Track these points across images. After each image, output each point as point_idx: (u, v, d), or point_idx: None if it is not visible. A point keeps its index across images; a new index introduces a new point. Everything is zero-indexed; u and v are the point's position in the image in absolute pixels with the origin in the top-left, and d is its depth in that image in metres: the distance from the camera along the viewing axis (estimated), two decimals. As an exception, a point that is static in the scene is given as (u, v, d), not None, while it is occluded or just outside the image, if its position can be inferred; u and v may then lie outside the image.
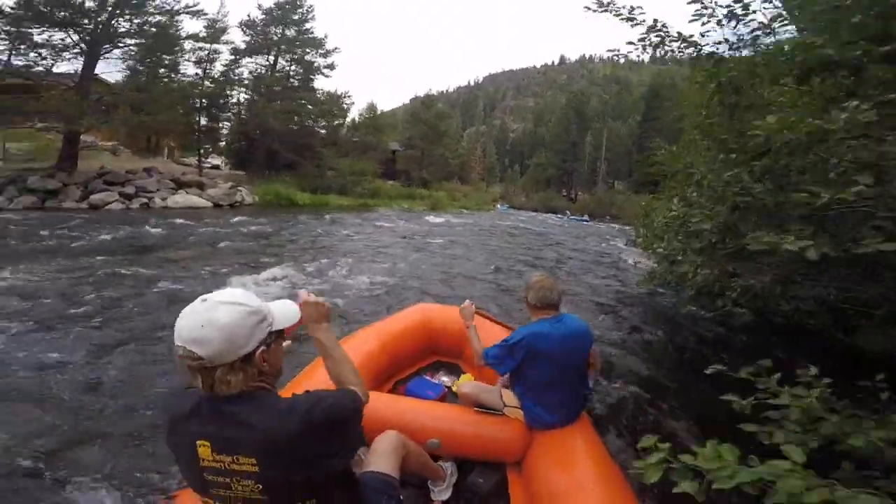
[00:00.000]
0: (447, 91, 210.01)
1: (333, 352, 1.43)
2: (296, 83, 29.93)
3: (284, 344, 1.28)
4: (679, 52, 2.91)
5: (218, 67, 25.83)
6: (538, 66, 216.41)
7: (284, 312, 1.25)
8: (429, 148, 42.97)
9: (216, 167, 28.86)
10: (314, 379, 2.21)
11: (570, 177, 64.85)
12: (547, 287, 2.28)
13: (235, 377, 1.05)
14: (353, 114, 38.32)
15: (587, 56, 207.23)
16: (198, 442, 1.06)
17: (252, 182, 22.30)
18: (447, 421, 2.24)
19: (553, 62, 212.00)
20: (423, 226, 17.70)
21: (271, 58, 28.90)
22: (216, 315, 1.02)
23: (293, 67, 29.99)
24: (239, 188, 19.40)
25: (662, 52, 3.10)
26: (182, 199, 17.38)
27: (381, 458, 1.57)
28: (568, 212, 47.77)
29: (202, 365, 1.02)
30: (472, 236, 15.42)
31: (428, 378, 3.05)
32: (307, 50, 29.80)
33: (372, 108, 39.94)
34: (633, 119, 69.22)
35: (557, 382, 2.18)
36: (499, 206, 54.75)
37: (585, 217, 44.47)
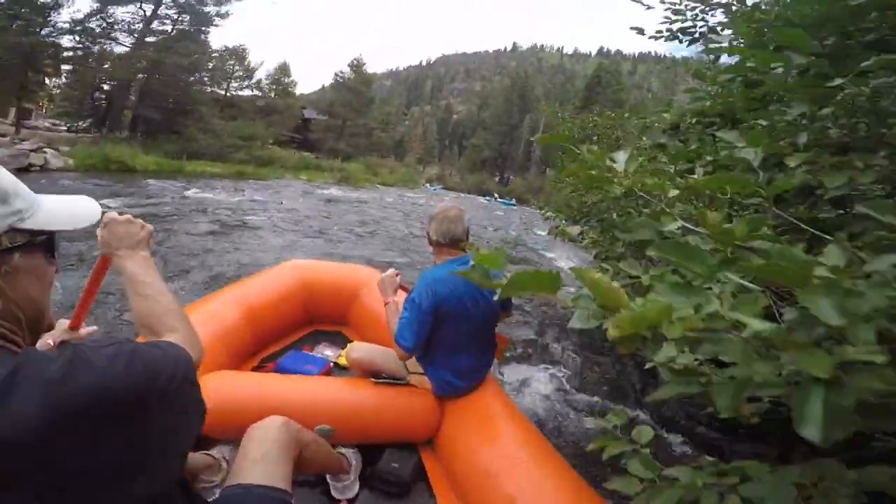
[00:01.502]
0: (397, 69, 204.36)
1: (149, 287, 0.89)
2: (174, 33, 25.46)
3: None
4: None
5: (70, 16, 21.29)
6: (491, 50, 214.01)
7: (67, 207, 0.75)
8: (351, 117, 38.61)
9: (53, 127, 23.60)
10: None
11: (505, 160, 63.43)
12: (452, 218, 1.84)
13: None
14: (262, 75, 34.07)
15: (538, 45, 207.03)
16: None
17: (97, 144, 18.30)
18: (339, 399, 1.78)
19: (506, 48, 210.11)
20: (305, 199, 15.05)
21: (149, 6, 24.41)
22: None
23: (179, 17, 25.63)
24: (45, 150, 14.52)
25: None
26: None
27: (260, 461, 1.01)
28: (496, 194, 46.06)
29: None
30: (354, 214, 13.09)
31: (305, 352, 2.49)
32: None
33: (283, 68, 35.26)
34: (573, 106, 68.57)
35: (466, 340, 1.83)
36: (429, 185, 52.73)
37: (512, 201, 42.98)
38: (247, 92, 31.75)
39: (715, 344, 0.53)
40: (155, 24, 24.42)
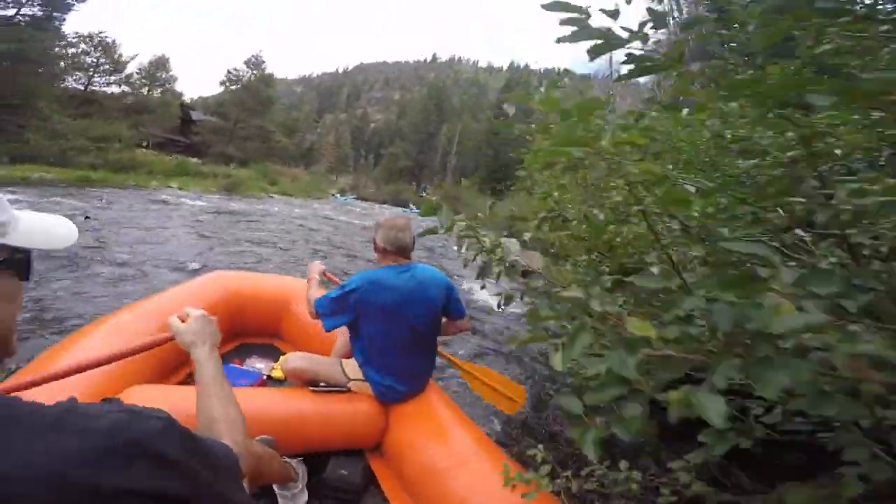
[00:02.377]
0: (310, 75, 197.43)
1: (213, 385, 0.92)
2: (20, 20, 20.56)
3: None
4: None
5: None
6: (412, 61, 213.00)
7: (44, 228, 0.68)
8: (244, 118, 34.21)
9: None
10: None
11: (421, 169, 61.66)
12: (400, 227, 1.89)
13: None
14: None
15: (456, 58, 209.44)
16: None
17: None
18: (278, 409, 1.73)
19: (426, 59, 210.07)
20: (162, 212, 11.75)
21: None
22: None
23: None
24: None
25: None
26: None
27: None
28: (412, 205, 43.83)
29: None
30: (228, 227, 10.64)
31: (235, 365, 2.40)
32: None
33: (160, 62, 30.31)
34: (486, 117, 68.74)
35: (406, 345, 1.83)
36: (338, 195, 49.47)
37: (427, 211, 40.99)
38: (114, 88, 26.92)
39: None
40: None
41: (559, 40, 0.85)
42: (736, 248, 0.79)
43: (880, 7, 0.81)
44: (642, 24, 0.81)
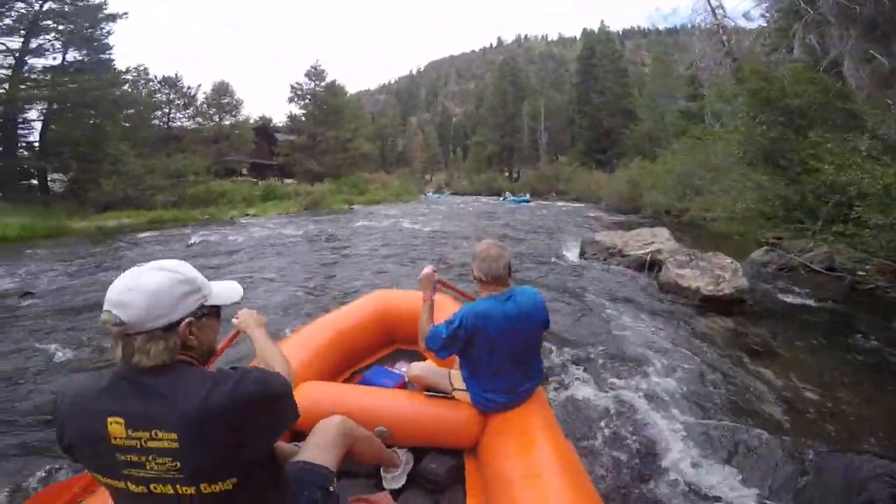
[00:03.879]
0: (389, 83, 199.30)
1: (265, 343, 1.47)
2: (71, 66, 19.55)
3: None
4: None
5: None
6: (477, 49, 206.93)
7: (226, 290, 1.14)
8: (320, 131, 32.32)
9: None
10: None
11: (511, 153, 56.85)
12: (493, 257, 1.91)
13: (155, 347, 0.92)
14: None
15: (522, 36, 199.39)
16: (109, 419, 0.89)
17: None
18: (395, 407, 2.03)
19: (491, 44, 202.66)
20: (224, 240, 10.04)
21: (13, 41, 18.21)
22: (144, 279, 0.94)
23: (65, 44, 19.45)
24: None
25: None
26: None
27: (315, 447, 1.39)
28: (507, 192, 39.50)
29: (123, 331, 0.91)
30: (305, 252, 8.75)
31: (387, 367, 2.73)
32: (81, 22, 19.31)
33: (222, 88, 28.75)
34: (570, 86, 61.93)
35: (505, 366, 1.91)
36: (429, 194, 46.76)
37: (526, 196, 36.45)
38: (188, 122, 26.26)
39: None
40: (35, 61, 18.77)
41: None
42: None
43: None
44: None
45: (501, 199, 36.49)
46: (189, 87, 26.05)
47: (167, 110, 24.72)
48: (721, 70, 20.60)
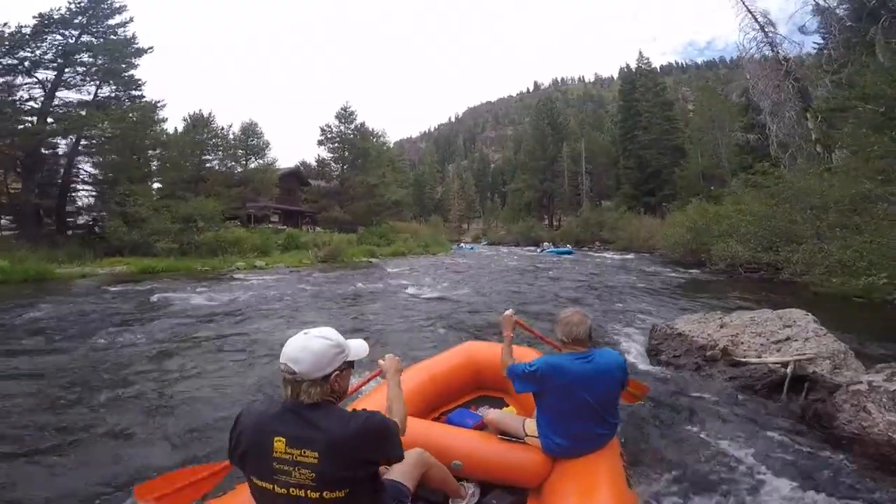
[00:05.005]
0: (430, 130, 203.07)
1: (394, 391, 1.74)
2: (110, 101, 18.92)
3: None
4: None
5: None
6: (514, 94, 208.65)
7: (357, 348, 1.50)
8: (349, 176, 30.49)
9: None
10: (370, 403, 2.29)
11: (551, 199, 53.36)
12: (574, 322, 2.14)
13: (315, 390, 1.31)
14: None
15: (559, 79, 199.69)
16: (275, 438, 1.26)
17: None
18: (470, 445, 2.27)
19: (528, 89, 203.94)
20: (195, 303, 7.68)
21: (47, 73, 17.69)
22: (311, 344, 1.33)
23: (97, 79, 18.81)
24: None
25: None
26: None
27: (399, 469, 1.72)
28: (545, 243, 35.87)
29: (294, 378, 1.29)
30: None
31: (470, 410, 2.95)
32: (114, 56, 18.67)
33: (250, 128, 27.31)
34: (611, 126, 58.39)
35: (577, 416, 2.07)
36: (464, 244, 43.74)
37: (567, 246, 32.62)
38: (217, 163, 24.95)
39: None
40: (68, 94, 18.06)
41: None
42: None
43: None
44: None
45: (539, 250, 32.96)
46: (223, 128, 25.18)
47: (199, 151, 23.19)
48: (783, 94, 17.76)
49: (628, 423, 3.12)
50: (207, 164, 24.28)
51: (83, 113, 17.24)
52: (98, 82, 18.67)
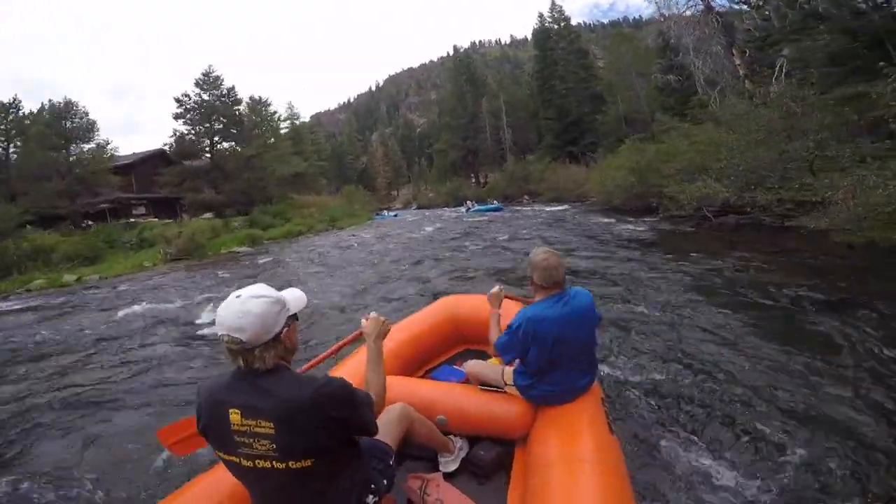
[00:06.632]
0: (349, 101, 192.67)
1: (374, 360, 1.56)
2: None
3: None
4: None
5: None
6: (435, 59, 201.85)
7: (296, 300, 1.34)
8: (223, 152, 25.37)
9: None
10: (346, 370, 2.34)
11: (476, 156, 51.06)
12: (553, 265, 2.01)
13: (269, 354, 1.17)
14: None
15: (477, 42, 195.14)
16: (230, 410, 1.15)
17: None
18: (452, 399, 2.21)
19: (448, 53, 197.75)
20: None
21: None
22: (250, 306, 1.14)
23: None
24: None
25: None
26: None
27: (380, 428, 1.53)
28: (469, 202, 33.44)
29: (243, 347, 1.14)
30: None
31: (454, 366, 2.92)
32: None
33: (67, 107, 20.90)
34: (529, 81, 56.28)
35: (560, 362, 2.00)
36: (386, 212, 40.46)
37: (494, 203, 30.63)
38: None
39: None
40: None
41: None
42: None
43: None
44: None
45: (464, 209, 30.44)
46: (21, 112, 19.30)
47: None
48: (708, 29, 16.20)
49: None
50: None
51: None
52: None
